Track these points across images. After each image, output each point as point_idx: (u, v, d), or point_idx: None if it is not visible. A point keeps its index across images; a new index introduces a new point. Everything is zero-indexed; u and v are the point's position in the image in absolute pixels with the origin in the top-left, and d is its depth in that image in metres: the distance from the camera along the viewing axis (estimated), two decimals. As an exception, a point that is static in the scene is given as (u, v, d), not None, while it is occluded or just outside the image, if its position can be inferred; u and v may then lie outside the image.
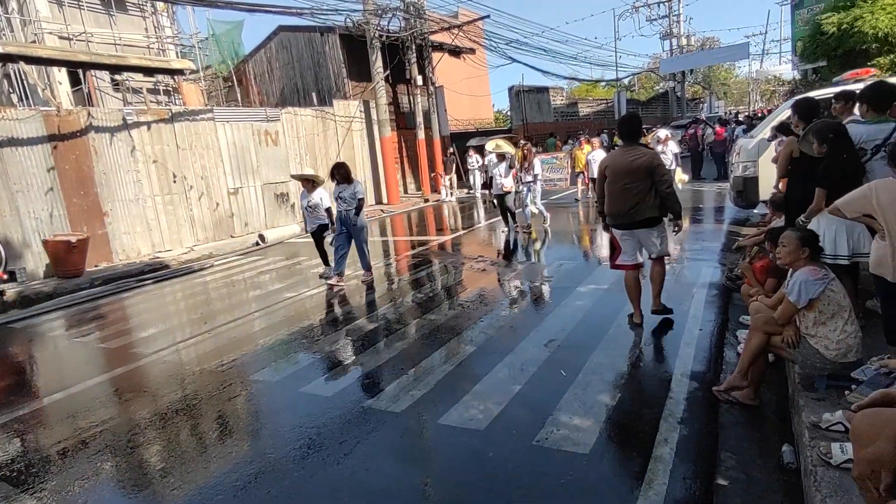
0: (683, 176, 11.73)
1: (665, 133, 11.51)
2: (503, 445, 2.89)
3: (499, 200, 9.43)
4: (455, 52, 20.36)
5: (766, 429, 2.91)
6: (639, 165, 4.16)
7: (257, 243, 11.55)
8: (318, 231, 7.34)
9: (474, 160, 16.88)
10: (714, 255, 6.75)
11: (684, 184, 11.75)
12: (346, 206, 6.75)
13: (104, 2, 15.38)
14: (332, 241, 7.05)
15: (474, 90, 26.27)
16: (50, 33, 14.10)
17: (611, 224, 4.49)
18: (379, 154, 16.87)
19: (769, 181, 6.60)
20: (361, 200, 6.78)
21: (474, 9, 28.25)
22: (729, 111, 41.04)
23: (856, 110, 3.99)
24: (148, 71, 13.48)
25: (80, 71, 13.21)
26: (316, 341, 4.94)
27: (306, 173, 7.58)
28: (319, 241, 7.44)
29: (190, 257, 10.25)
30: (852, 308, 2.82)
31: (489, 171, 10.10)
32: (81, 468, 3.09)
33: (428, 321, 5.15)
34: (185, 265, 9.65)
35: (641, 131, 4.56)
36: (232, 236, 12.26)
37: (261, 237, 11.79)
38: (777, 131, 6.54)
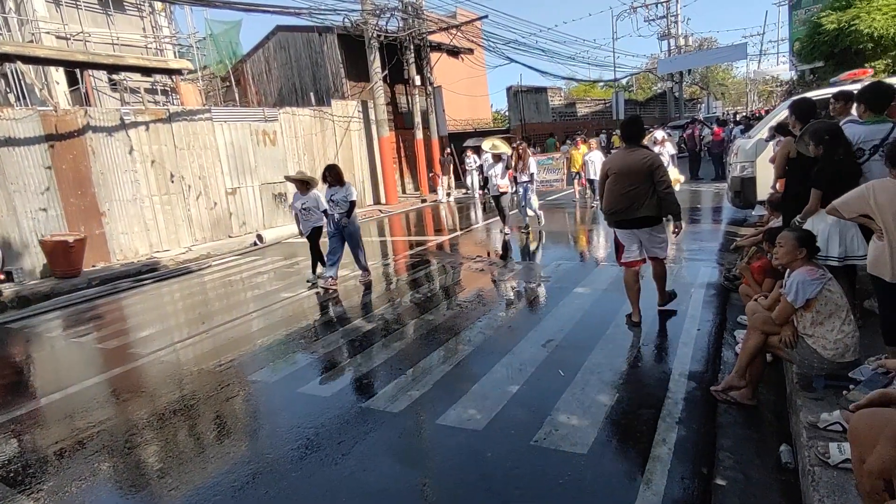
0: (679, 176, 11.74)
1: (662, 134, 11.49)
2: (501, 445, 2.89)
3: (495, 201, 9.46)
4: (453, 53, 20.36)
5: (764, 429, 2.92)
6: (640, 167, 4.26)
7: (255, 243, 11.54)
8: (313, 234, 7.12)
9: (472, 160, 16.88)
10: (712, 256, 6.76)
11: (680, 184, 11.75)
12: (339, 209, 6.68)
13: (102, 1, 15.34)
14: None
15: (472, 90, 26.30)
16: (47, 33, 14.07)
17: (611, 223, 4.60)
18: (377, 154, 16.86)
19: (767, 181, 6.61)
20: (353, 203, 6.69)
21: (472, 9, 28.34)
22: (727, 111, 41.09)
23: (853, 110, 4.01)
24: (145, 71, 13.46)
25: (78, 71, 13.19)
26: (314, 341, 4.93)
27: (300, 175, 7.39)
28: (315, 245, 7.21)
29: (188, 257, 10.24)
30: (850, 308, 2.83)
31: (485, 172, 10.10)
32: (79, 469, 3.08)
33: (426, 321, 5.15)
34: (183, 265, 9.63)
35: (643, 133, 4.70)
36: (230, 236, 12.25)
37: (259, 237, 11.77)
38: (776, 132, 6.55)
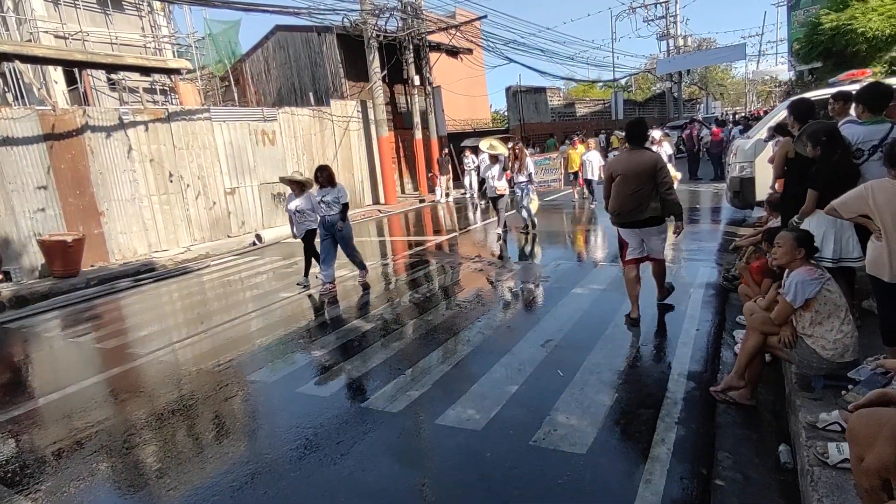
0: (676, 173, 11.74)
1: (659, 134, 11.49)
2: (500, 445, 2.89)
3: (493, 202, 9.45)
4: (452, 53, 20.35)
5: (763, 429, 2.92)
6: (646, 168, 4.34)
7: (254, 243, 11.52)
8: (307, 237, 7.01)
9: (470, 160, 16.87)
10: (711, 256, 6.76)
11: (678, 181, 11.75)
12: (330, 211, 6.58)
13: (100, 1, 15.32)
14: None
15: (472, 90, 26.30)
16: (46, 32, 14.03)
17: (616, 222, 4.66)
18: (376, 154, 16.85)
19: (766, 182, 6.62)
20: (346, 206, 6.59)
21: (472, 9, 28.33)
22: (725, 112, 41.15)
23: (852, 111, 4.01)
24: (144, 70, 13.45)
25: (76, 70, 13.19)
26: (313, 341, 4.93)
27: (294, 176, 7.28)
28: (309, 247, 7.11)
29: (186, 257, 10.22)
30: (848, 308, 2.84)
31: (481, 174, 10.09)
32: (77, 469, 3.07)
33: (425, 321, 5.15)
34: (182, 265, 9.62)
35: (647, 135, 4.72)
36: (229, 236, 12.23)
37: (258, 237, 11.76)
38: (775, 132, 6.56)
